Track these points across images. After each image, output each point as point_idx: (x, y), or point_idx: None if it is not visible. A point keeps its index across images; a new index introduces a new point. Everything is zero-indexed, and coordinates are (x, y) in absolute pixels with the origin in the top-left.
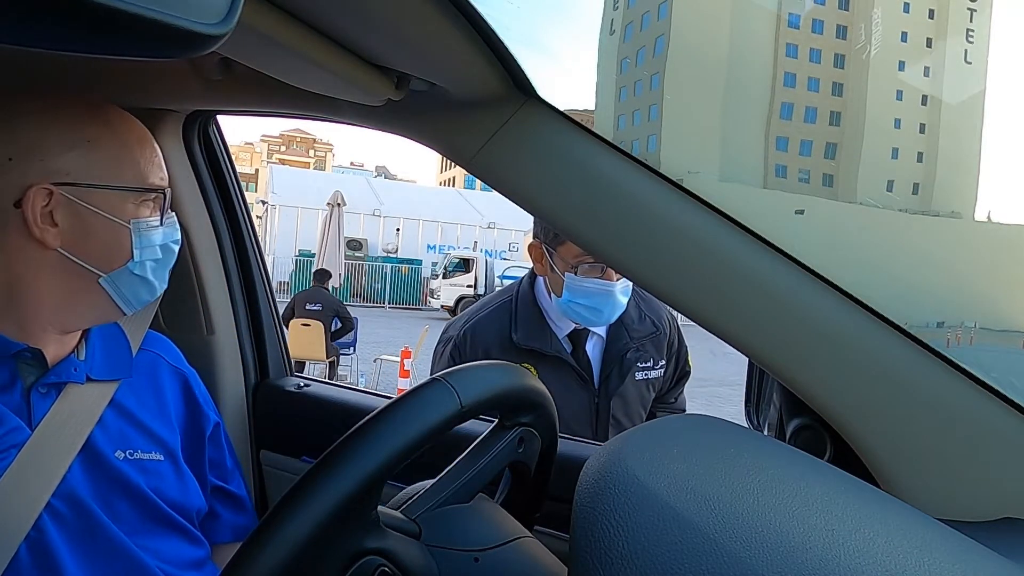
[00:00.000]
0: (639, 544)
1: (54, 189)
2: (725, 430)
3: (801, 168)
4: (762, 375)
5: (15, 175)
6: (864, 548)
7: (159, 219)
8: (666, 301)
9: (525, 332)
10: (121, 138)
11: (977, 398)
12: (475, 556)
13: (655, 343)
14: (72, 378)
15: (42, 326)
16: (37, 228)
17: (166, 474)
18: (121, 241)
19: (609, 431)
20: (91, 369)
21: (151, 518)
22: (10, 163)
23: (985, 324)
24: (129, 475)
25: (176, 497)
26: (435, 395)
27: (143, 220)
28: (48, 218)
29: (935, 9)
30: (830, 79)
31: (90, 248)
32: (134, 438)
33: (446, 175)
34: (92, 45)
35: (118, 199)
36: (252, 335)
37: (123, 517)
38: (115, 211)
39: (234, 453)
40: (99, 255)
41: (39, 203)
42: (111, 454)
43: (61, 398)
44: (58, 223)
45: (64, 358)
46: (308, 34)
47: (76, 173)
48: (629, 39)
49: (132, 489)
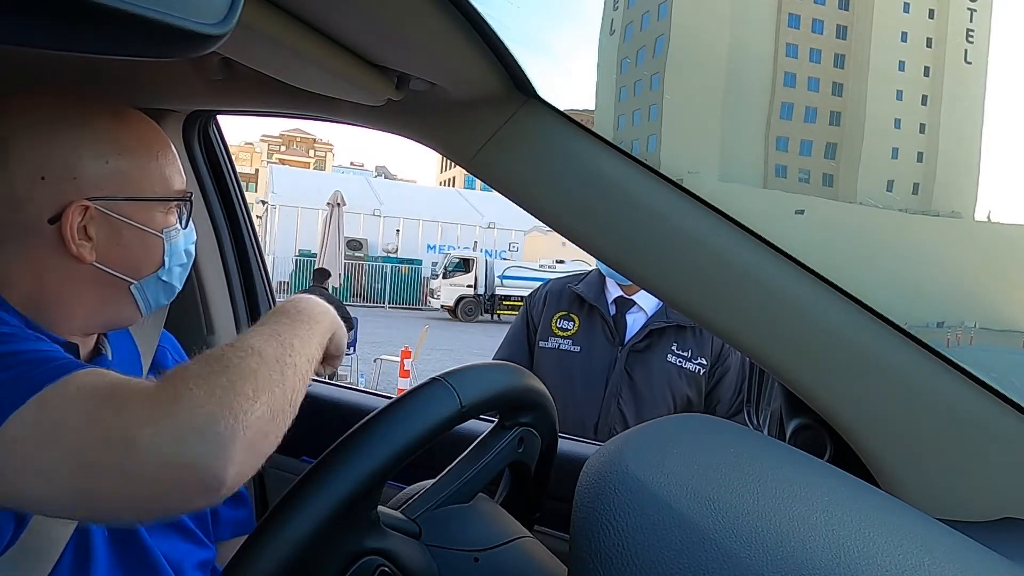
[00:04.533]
0: (639, 544)
1: (90, 204)
2: (725, 430)
3: (801, 168)
4: (762, 375)
5: (50, 193)
6: (864, 548)
7: (185, 224)
8: (667, 301)
9: (584, 285)
10: (149, 148)
11: (977, 398)
12: (475, 556)
13: (696, 338)
14: None
15: (69, 331)
16: (74, 244)
17: None
18: (153, 250)
19: (623, 390)
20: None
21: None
22: (43, 181)
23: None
24: None
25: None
26: (435, 395)
27: (173, 228)
28: (83, 233)
29: (935, 9)
30: (830, 79)
31: (123, 258)
32: None
33: (446, 175)
34: (92, 45)
35: (149, 209)
36: None
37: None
38: (147, 221)
39: None
40: (131, 264)
41: (75, 219)
42: None
43: None
44: (92, 237)
45: (95, 357)
46: (308, 34)
47: (109, 187)
48: (629, 39)
49: None
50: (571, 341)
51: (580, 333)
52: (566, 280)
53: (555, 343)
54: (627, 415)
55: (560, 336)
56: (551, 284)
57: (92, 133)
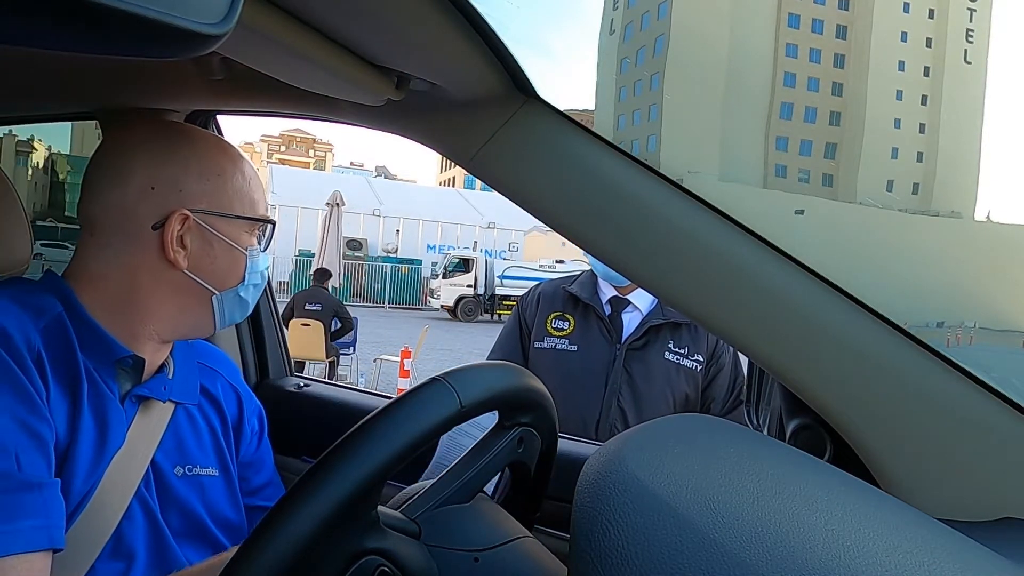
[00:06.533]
0: (639, 544)
1: (190, 215)
2: (725, 430)
3: (801, 168)
4: (762, 375)
5: (157, 201)
6: (864, 548)
7: (265, 247)
8: (666, 301)
9: (578, 285)
10: (243, 173)
11: (977, 398)
12: (475, 556)
13: (692, 335)
14: (158, 396)
15: (149, 334)
16: (171, 250)
17: (221, 489)
18: (237, 265)
19: (623, 388)
20: (172, 390)
21: (195, 533)
22: (153, 191)
23: (985, 324)
24: (183, 492)
25: (227, 512)
26: (435, 395)
27: (255, 248)
28: (180, 241)
29: (935, 9)
30: (830, 79)
31: (211, 269)
32: (193, 452)
33: (446, 175)
34: (91, 45)
35: (237, 227)
36: (252, 335)
37: (175, 530)
38: (235, 238)
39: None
40: (217, 276)
41: (175, 228)
42: (170, 470)
43: (143, 410)
44: (187, 246)
45: (156, 373)
46: (308, 34)
47: (207, 203)
48: (629, 39)
49: (184, 505)
50: (567, 340)
51: (576, 332)
52: (558, 282)
53: (551, 343)
54: (627, 413)
55: (556, 336)
56: (543, 286)
57: (197, 154)
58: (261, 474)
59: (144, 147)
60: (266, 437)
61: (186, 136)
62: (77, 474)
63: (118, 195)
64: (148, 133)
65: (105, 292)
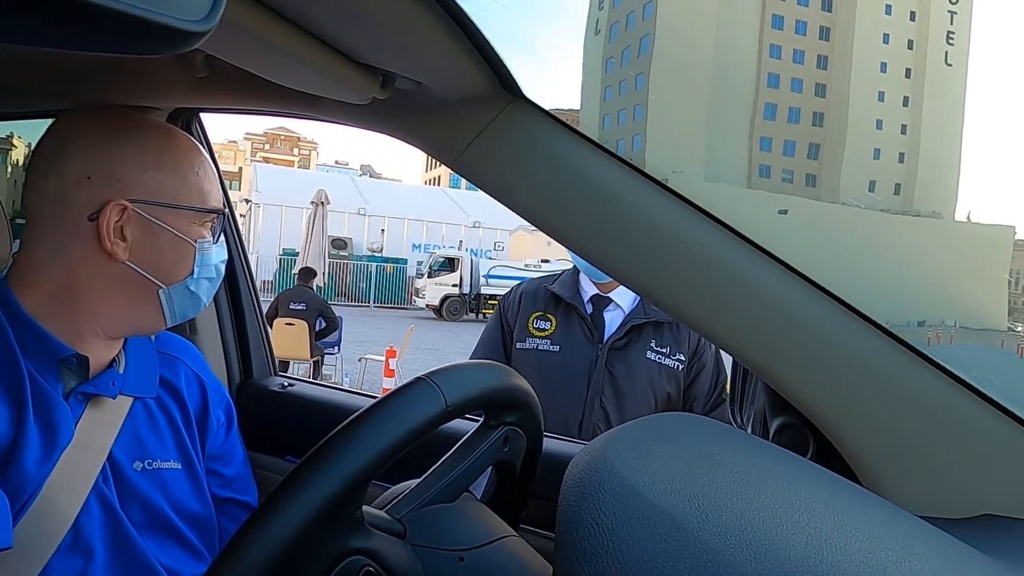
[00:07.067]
0: (624, 543)
1: (128, 205)
2: (709, 429)
3: (785, 168)
4: (746, 374)
5: (93, 191)
6: (846, 545)
7: (216, 239)
8: (651, 300)
9: (559, 284)
10: (190, 162)
11: (957, 396)
12: (460, 556)
13: (674, 334)
14: (107, 392)
15: (94, 331)
16: (108, 242)
17: (183, 483)
18: (185, 257)
19: (605, 388)
20: (124, 384)
21: (158, 527)
22: (89, 180)
23: (965, 323)
24: (143, 487)
25: (192, 506)
26: (420, 394)
27: (205, 240)
28: (119, 232)
29: (916, 11)
30: (813, 80)
31: (155, 261)
32: (153, 447)
33: (431, 174)
34: (74, 41)
35: (185, 218)
36: (236, 335)
37: (137, 524)
38: (183, 229)
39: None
40: (162, 268)
41: (113, 218)
42: (128, 465)
43: (92, 407)
44: (127, 237)
45: (105, 369)
46: (293, 32)
47: (148, 193)
48: (615, 39)
49: (145, 499)
50: (549, 341)
51: (558, 332)
52: (540, 280)
53: (533, 343)
54: (610, 413)
55: (538, 336)
56: (524, 285)
57: (139, 144)
58: (231, 466)
59: (83, 136)
60: (235, 428)
61: (130, 125)
62: (23, 472)
63: (55, 184)
64: (88, 122)
65: (46, 290)
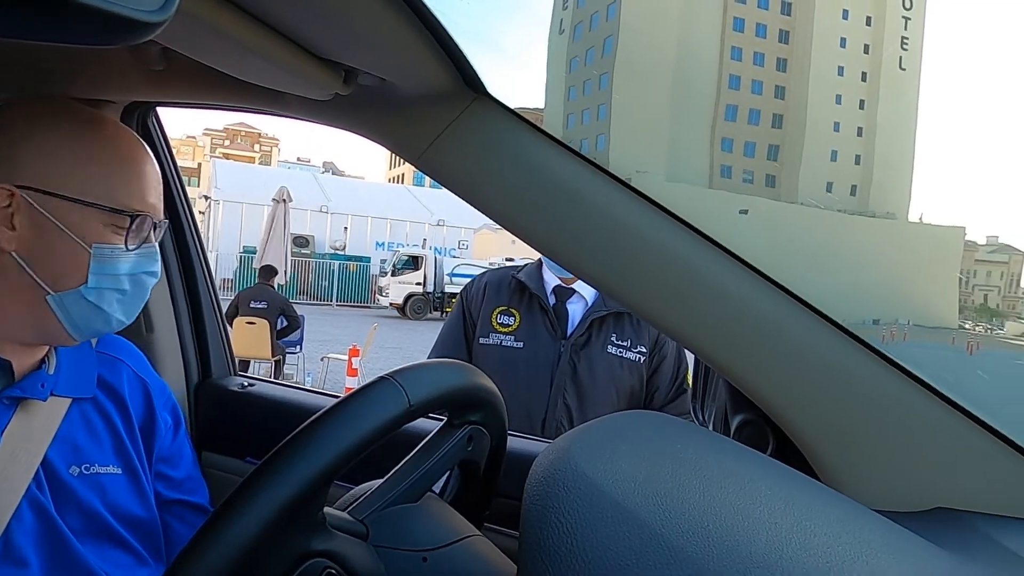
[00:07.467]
0: (588, 541)
1: (15, 191)
2: (672, 427)
3: (745, 169)
4: (708, 371)
5: None
6: (804, 540)
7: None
8: (614, 298)
9: (524, 273)
10: (109, 154)
11: (910, 392)
12: (423, 556)
13: (634, 326)
14: (36, 395)
15: (3, 335)
16: None
17: (124, 488)
18: (78, 262)
19: (567, 384)
20: (56, 385)
21: (98, 532)
22: None
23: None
24: (80, 492)
25: (134, 511)
26: (383, 394)
27: (107, 245)
28: (8, 220)
29: (872, 16)
30: (773, 82)
31: (45, 262)
32: (91, 451)
33: (395, 172)
34: (26, 31)
35: (86, 216)
36: (194, 333)
37: (75, 530)
38: (78, 229)
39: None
40: (52, 272)
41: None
42: (64, 470)
43: (22, 411)
44: (16, 227)
45: (33, 371)
46: (252, 24)
47: (43, 180)
48: (579, 39)
49: (82, 504)
50: (513, 337)
51: (522, 328)
52: (506, 270)
53: (496, 339)
54: (572, 409)
55: (501, 332)
56: (488, 275)
57: (42, 127)
58: (180, 468)
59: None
60: (183, 429)
61: (36, 108)
62: None
63: None
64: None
65: None
